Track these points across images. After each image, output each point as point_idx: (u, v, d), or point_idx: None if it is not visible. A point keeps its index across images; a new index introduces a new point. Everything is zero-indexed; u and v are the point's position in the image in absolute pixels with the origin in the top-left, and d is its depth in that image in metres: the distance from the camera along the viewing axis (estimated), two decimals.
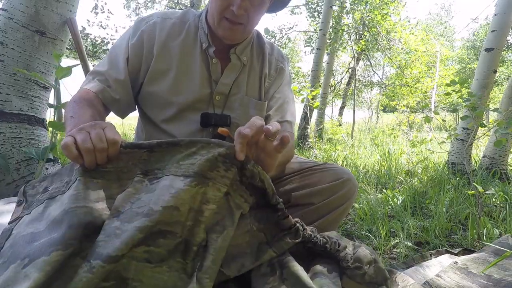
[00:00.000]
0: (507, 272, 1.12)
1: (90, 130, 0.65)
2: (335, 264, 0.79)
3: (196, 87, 1.00)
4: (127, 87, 0.98)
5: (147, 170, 0.71)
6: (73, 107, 0.85)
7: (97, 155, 0.64)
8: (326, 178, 1.02)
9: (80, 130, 0.65)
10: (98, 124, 0.67)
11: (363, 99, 15.45)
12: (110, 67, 0.97)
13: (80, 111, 0.84)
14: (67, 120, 0.82)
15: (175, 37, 1.00)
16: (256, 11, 0.92)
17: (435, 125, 11.49)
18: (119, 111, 1.00)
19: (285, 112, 1.10)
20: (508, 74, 13.63)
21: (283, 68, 1.12)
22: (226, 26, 0.92)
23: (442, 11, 29.06)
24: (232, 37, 0.95)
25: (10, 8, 1.51)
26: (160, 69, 0.99)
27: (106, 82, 0.95)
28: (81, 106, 0.86)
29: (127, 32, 1.02)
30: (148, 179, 0.69)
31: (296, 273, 0.71)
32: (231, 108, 1.04)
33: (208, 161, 0.69)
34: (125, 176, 0.70)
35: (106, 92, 0.95)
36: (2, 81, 1.49)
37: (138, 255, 0.58)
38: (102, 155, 0.65)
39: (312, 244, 0.80)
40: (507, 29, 2.89)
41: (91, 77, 0.97)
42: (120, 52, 0.99)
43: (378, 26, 8.23)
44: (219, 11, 0.91)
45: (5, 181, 1.44)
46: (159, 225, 0.61)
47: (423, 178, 2.80)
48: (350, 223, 1.78)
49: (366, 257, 0.78)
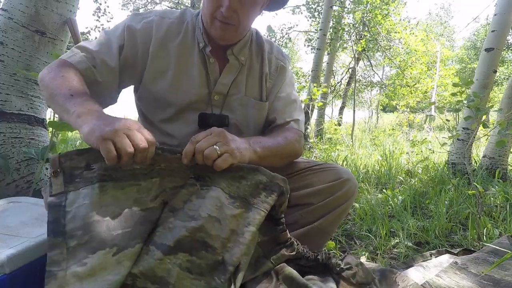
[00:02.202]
0: (507, 272, 1.12)
1: (129, 133, 0.65)
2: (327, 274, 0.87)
3: (195, 87, 1.00)
4: (115, 76, 0.94)
5: (199, 175, 0.77)
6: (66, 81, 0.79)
7: (138, 156, 0.65)
8: (326, 178, 1.01)
9: (117, 132, 0.64)
10: (133, 124, 0.68)
11: (363, 99, 15.45)
12: (101, 49, 0.92)
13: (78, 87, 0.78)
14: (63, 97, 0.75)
15: (174, 37, 1.00)
16: (247, 12, 0.91)
17: (435, 125, 11.49)
18: (97, 95, 0.89)
19: (291, 111, 1.09)
20: (508, 74, 13.63)
21: (284, 66, 1.12)
22: (218, 26, 0.92)
23: (442, 11, 29.06)
24: (225, 37, 0.95)
25: (10, 8, 1.51)
26: (158, 69, 0.98)
27: (92, 61, 0.90)
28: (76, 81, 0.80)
29: (122, 23, 0.99)
30: (199, 184, 0.76)
31: (290, 275, 0.79)
32: (230, 108, 1.04)
33: (251, 187, 0.77)
34: (178, 174, 0.76)
35: (89, 71, 0.89)
36: (2, 81, 1.49)
37: (181, 262, 0.64)
38: (143, 155, 0.66)
39: (305, 259, 0.88)
40: (507, 29, 2.89)
41: (78, 50, 0.91)
42: (114, 39, 0.94)
43: (378, 26, 8.23)
44: (210, 12, 0.90)
45: (5, 181, 1.44)
46: (202, 231, 0.67)
47: (423, 178, 2.80)
48: (350, 223, 1.78)
49: (353, 261, 0.89)
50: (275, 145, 0.93)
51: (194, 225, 0.67)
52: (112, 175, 0.69)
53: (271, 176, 0.78)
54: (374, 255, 1.40)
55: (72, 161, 0.69)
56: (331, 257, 0.88)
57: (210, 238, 0.67)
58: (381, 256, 1.38)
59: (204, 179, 0.77)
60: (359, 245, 1.51)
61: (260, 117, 1.07)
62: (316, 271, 0.89)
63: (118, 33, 0.95)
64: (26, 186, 1.49)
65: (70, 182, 0.67)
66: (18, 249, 0.75)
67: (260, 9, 0.98)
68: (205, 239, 0.67)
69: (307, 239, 0.97)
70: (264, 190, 0.77)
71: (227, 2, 0.86)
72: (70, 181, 0.67)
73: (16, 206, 1.02)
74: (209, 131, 0.77)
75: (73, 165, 0.69)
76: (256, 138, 0.92)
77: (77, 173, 0.68)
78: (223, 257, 0.67)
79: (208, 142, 0.73)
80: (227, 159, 0.73)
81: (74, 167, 0.68)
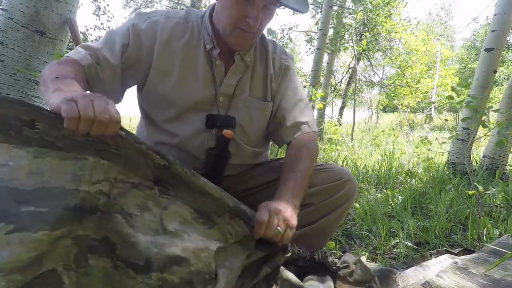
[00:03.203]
0: (507, 272, 1.12)
1: (94, 99, 0.60)
2: (325, 273, 0.88)
3: (200, 88, 1.00)
4: (116, 73, 0.94)
5: (160, 179, 0.71)
6: (59, 69, 0.78)
7: (95, 126, 0.59)
8: (326, 178, 1.01)
9: (85, 96, 0.59)
10: (103, 97, 0.62)
11: (363, 99, 15.45)
12: (104, 47, 0.93)
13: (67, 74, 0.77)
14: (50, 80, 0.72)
15: (179, 37, 0.99)
16: (267, 21, 0.93)
17: (435, 125, 11.49)
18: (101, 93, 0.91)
19: (300, 110, 1.09)
20: (508, 74, 13.63)
21: (288, 65, 1.11)
22: (239, 35, 0.92)
23: (442, 11, 29.07)
24: (243, 44, 0.96)
25: (10, 8, 1.51)
26: (163, 69, 0.98)
27: (95, 58, 0.91)
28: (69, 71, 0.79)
29: (127, 22, 1.00)
30: (158, 189, 0.71)
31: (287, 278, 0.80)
32: (235, 109, 1.04)
33: (216, 206, 0.76)
34: (134, 169, 0.68)
35: (92, 68, 0.89)
36: (2, 81, 1.49)
37: (153, 282, 0.62)
38: (100, 128, 0.59)
39: (302, 259, 0.89)
40: (507, 29, 2.89)
41: (81, 49, 0.92)
42: (117, 37, 0.95)
43: (379, 26, 8.23)
44: (233, 22, 0.90)
45: None
46: (173, 246, 0.65)
47: (424, 178, 2.80)
48: (350, 223, 1.78)
49: (351, 258, 0.89)
50: (304, 179, 0.96)
51: (163, 241, 0.65)
52: (57, 143, 0.58)
53: (236, 203, 0.80)
54: (374, 255, 1.40)
55: (13, 109, 0.55)
56: (327, 256, 0.89)
57: (182, 250, 0.65)
58: (381, 256, 1.38)
59: (165, 186, 0.71)
60: (359, 245, 1.51)
61: (264, 118, 1.07)
62: (314, 271, 0.89)
63: (122, 32, 0.96)
64: None
65: (2, 132, 0.54)
66: None
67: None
68: (176, 253, 0.64)
69: (307, 239, 0.97)
70: (229, 213, 0.78)
71: (256, 13, 0.87)
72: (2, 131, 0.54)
73: None
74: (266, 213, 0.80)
75: (12, 114, 0.55)
76: (291, 190, 0.92)
77: (14, 124, 0.55)
78: (197, 268, 0.66)
79: (271, 230, 0.79)
80: (289, 234, 0.81)
81: (14, 117, 0.55)
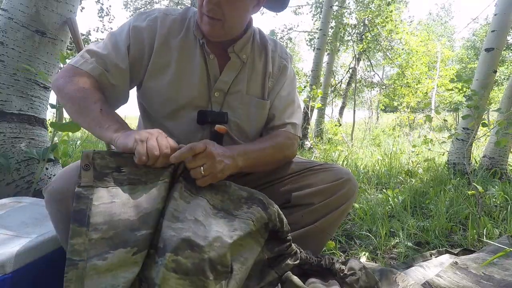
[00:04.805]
0: (507, 272, 1.12)
1: (158, 137, 0.76)
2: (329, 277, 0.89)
3: (195, 83, 1.00)
4: (126, 77, 0.97)
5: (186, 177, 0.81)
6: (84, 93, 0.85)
7: (160, 160, 0.74)
8: (326, 178, 1.01)
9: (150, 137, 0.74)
10: (163, 134, 0.78)
11: (363, 99, 15.44)
12: (110, 52, 0.94)
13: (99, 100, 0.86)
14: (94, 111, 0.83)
15: (176, 33, 1.00)
16: (232, 6, 0.91)
17: (435, 125, 11.49)
18: (112, 98, 0.96)
19: (290, 112, 1.10)
20: (508, 74, 13.61)
21: (286, 65, 1.12)
22: (206, 22, 0.93)
23: (442, 11, 29.06)
24: (212, 33, 0.95)
25: (10, 8, 1.51)
26: (159, 64, 0.99)
27: (104, 65, 0.93)
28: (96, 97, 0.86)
29: (127, 22, 1.01)
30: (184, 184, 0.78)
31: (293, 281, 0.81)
32: (231, 106, 1.04)
33: (233, 203, 0.81)
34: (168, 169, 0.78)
35: (103, 76, 0.92)
36: (2, 81, 1.49)
37: (167, 263, 0.64)
38: (164, 160, 0.74)
39: (309, 265, 0.90)
40: (507, 29, 2.89)
41: (88, 56, 0.93)
42: (120, 40, 0.96)
43: (379, 27, 8.22)
44: (199, 8, 0.93)
45: (5, 181, 1.44)
46: (189, 231, 0.68)
47: (424, 178, 2.80)
48: (350, 223, 1.78)
49: (357, 265, 0.90)
50: (260, 154, 0.97)
51: (180, 226, 0.69)
52: (142, 179, 0.73)
53: (251, 192, 0.84)
54: (374, 255, 1.40)
55: (104, 160, 0.72)
56: (334, 262, 0.90)
57: (196, 236, 0.68)
58: (381, 256, 1.38)
59: (190, 182, 0.79)
60: (359, 245, 1.51)
61: (262, 116, 1.07)
62: (318, 274, 0.90)
63: (124, 34, 0.97)
64: (26, 186, 1.49)
65: (99, 179, 0.70)
66: (19, 249, 0.76)
67: (254, 6, 0.98)
68: (191, 238, 0.67)
69: (307, 240, 0.97)
70: (245, 203, 0.81)
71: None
72: (99, 178, 0.70)
73: (16, 206, 1.02)
74: (203, 146, 0.80)
75: (104, 164, 0.72)
76: (244, 148, 0.94)
77: (107, 172, 0.71)
78: (210, 256, 0.67)
79: (196, 163, 0.79)
80: (207, 180, 0.80)
81: (105, 166, 0.72)
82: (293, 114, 1.10)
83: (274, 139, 1.03)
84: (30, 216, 0.95)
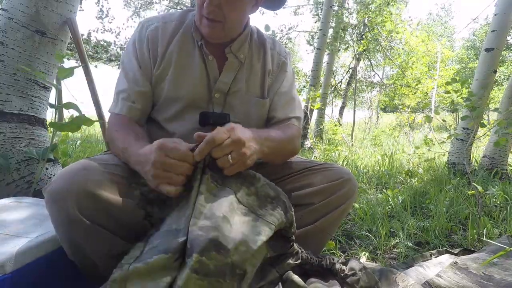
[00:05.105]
0: (507, 272, 1.12)
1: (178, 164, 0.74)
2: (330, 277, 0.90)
3: (196, 85, 1.01)
4: (151, 96, 1.01)
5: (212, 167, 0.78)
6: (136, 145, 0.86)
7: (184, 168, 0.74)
8: (326, 178, 1.01)
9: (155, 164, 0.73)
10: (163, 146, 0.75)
11: (363, 99, 15.44)
12: (130, 83, 0.99)
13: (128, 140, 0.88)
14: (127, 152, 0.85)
15: (176, 37, 1.01)
16: (232, 7, 0.91)
17: (435, 125, 11.49)
18: (144, 115, 1.03)
19: (292, 108, 1.10)
20: (508, 74, 13.61)
21: (285, 62, 1.12)
22: (205, 24, 0.93)
23: (442, 11, 29.07)
24: (212, 35, 0.95)
25: (10, 8, 1.51)
26: (162, 68, 1.00)
27: (130, 100, 0.98)
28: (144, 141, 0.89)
29: (131, 40, 1.03)
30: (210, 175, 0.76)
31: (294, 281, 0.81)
32: (231, 106, 1.04)
33: (260, 199, 0.79)
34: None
35: (133, 109, 0.98)
36: (2, 81, 1.49)
37: (193, 264, 0.64)
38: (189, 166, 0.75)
39: (310, 265, 0.90)
40: (507, 29, 2.89)
41: (116, 97, 1.00)
42: (131, 66, 1.00)
43: (379, 26, 8.22)
44: (198, 10, 0.93)
45: (5, 181, 1.44)
46: (217, 231, 0.67)
47: (424, 178, 2.80)
48: (350, 223, 1.78)
49: (357, 265, 0.91)
50: (279, 142, 0.95)
51: (208, 224, 0.68)
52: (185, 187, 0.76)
53: (278, 192, 0.82)
54: (374, 255, 1.40)
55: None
56: (335, 262, 0.90)
57: (224, 238, 0.67)
58: (381, 256, 1.39)
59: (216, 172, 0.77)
60: (359, 245, 1.51)
61: (262, 115, 1.07)
62: (319, 274, 0.91)
63: (132, 58, 1.00)
64: (26, 186, 1.49)
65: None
66: (19, 249, 0.75)
67: (252, 6, 0.99)
68: (219, 239, 0.66)
69: (307, 239, 0.97)
70: (270, 203, 0.80)
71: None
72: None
73: (16, 206, 1.02)
74: (227, 132, 0.76)
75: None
76: (267, 134, 0.92)
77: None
78: (233, 260, 0.67)
79: (223, 152, 0.74)
80: (236, 169, 0.77)
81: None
82: (295, 109, 1.10)
83: (286, 130, 1.02)
84: (30, 216, 0.95)
